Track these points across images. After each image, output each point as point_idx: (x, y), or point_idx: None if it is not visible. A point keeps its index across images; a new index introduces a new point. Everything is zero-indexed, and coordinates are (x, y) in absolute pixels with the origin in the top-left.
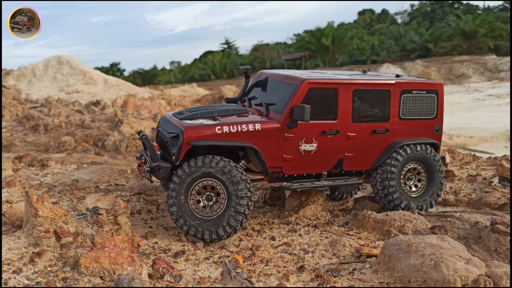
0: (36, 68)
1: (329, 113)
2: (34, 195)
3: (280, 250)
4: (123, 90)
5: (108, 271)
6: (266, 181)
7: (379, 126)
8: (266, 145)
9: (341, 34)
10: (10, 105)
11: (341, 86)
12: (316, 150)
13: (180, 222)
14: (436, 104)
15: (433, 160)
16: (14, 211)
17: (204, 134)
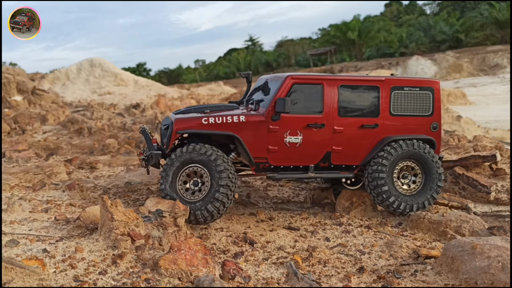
0: (70, 71)
1: (314, 107)
2: (108, 200)
3: (336, 251)
4: (153, 90)
5: (185, 273)
6: (253, 171)
7: (368, 121)
8: (250, 136)
9: (367, 27)
10: (51, 108)
11: (326, 82)
12: (302, 143)
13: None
14: (431, 101)
15: (428, 157)
16: (87, 215)
17: (191, 125)
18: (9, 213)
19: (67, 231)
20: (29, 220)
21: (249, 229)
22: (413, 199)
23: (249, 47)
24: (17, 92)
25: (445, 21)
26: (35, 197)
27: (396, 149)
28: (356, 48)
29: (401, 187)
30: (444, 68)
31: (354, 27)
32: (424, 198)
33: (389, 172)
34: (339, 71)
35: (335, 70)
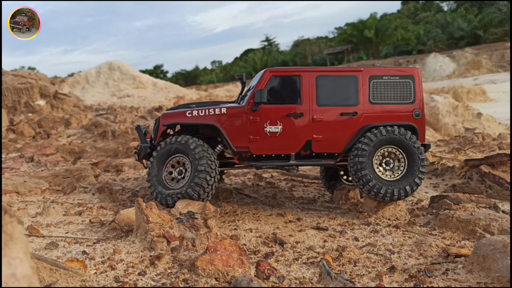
0: (89, 74)
1: (293, 98)
2: (143, 203)
3: (365, 250)
4: (171, 92)
5: (222, 273)
6: (236, 160)
7: (347, 110)
8: (231, 126)
9: (384, 25)
10: (73, 112)
11: (304, 73)
12: (282, 132)
13: (151, 189)
14: (412, 89)
15: (409, 143)
16: (122, 217)
17: (176, 118)
18: (44, 216)
19: (102, 233)
20: (64, 223)
21: (278, 230)
22: (395, 185)
23: (265, 47)
24: (39, 96)
25: (463, 18)
26: (66, 200)
27: (376, 135)
28: (373, 46)
29: (384, 172)
30: (462, 65)
31: (370, 26)
32: (406, 183)
33: (369, 157)
34: None
35: None
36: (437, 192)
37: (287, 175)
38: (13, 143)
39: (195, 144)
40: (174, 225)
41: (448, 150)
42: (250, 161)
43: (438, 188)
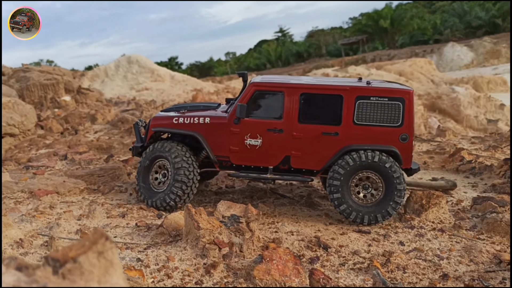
0: (108, 68)
1: (274, 113)
2: (192, 208)
3: (412, 256)
4: (189, 85)
5: (279, 283)
6: (217, 168)
7: (329, 129)
8: (213, 136)
9: (400, 15)
10: (97, 107)
11: (287, 90)
12: (261, 145)
13: (140, 192)
14: (401, 112)
15: (388, 172)
16: (169, 222)
17: (163, 123)
18: (90, 219)
19: (150, 237)
20: (111, 226)
21: (319, 233)
22: (367, 211)
23: (279, 38)
24: (64, 92)
25: (480, 6)
26: (105, 200)
27: (355, 159)
28: (389, 36)
29: (357, 196)
30: (481, 54)
31: (386, 15)
32: (378, 211)
33: (344, 180)
34: (371, 60)
35: (367, 59)
36: (476, 192)
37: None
38: (42, 139)
39: (176, 153)
40: (223, 230)
41: (484, 148)
42: (230, 169)
43: (477, 187)
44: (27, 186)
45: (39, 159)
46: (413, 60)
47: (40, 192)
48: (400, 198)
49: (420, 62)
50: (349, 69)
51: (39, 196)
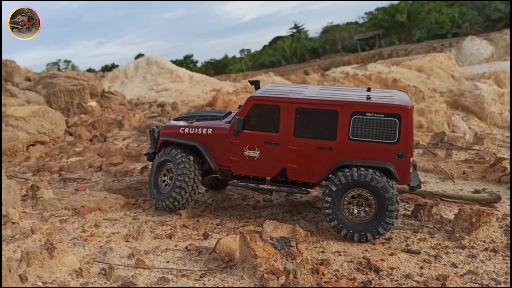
0: (128, 69)
1: (271, 127)
2: (248, 235)
3: (467, 279)
4: (208, 85)
5: None
6: (220, 176)
7: (324, 144)
8: (215, 146)
9: (417, 9)
10: (122, 111)
11: (284, 104)
12: (259, 157)
13: (152, 193)
14: (397, 129)
15: (380, 192)
16: (222, 247)
17: (171, 133)
18: (139, 241)
19: (203, 263)
20: (161, 250)
21: (367, 253)
22: (357, 228)
23: (294, 35)
24: (89, 97)
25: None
26: (147, 217)
27: (347, 177)
28: (406, 30)
29: (350, 213)
30: (501, 48)
31: (403, 9)
32: (369, 230)
33: (336, 197)
34: (388, 55)
35: (384, 54)
36: None
37: None
38: (72, 147)
39: (180, 159)
40: (278, 257)
41: None
42: (231, 178)
43: None
44: (71, 203)
45: (71, 169)
46: (433, 55)
47: (84, 209)
48: (391, 219)
49: (440, 57)
50: (368, 67)
51: (83, 214)
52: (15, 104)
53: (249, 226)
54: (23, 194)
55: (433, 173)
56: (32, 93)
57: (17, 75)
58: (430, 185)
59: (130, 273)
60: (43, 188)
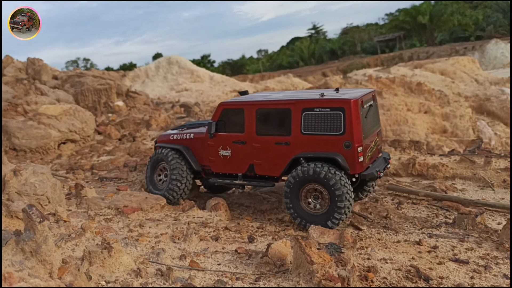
0: (149, 69)
1: (238, 128)
2: (303, 241)
3: None
4: (228, 86)
5: None
6: (203, 175)
7: (281, 139)
8: (197, 148)
9: (440, 11)
10: (147, 111)
11: (247, 106)
12: (231, 156)
13: (148, 188)
14: (343, 121)
15: (325, 182)
16: (274, 252)
17: (164, 140)
18: (188, 242)
19: (255, 266)
20: (210, 252)
21: (414, 261)
22: (311, 219)
23: (312, 36)
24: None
25: None
26: (187, 218)
27: (304, 172)
28: (427, 33)
29: (307, 204)
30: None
31: (425, 11)
32: (319, 222)
33: (294, 189)
34: (409, 57)
35: (404, 56)
36: None
37: (391, 189)
38: (102, 146)
39: (171, 157)
40: (332, 264)
41: None
42: (212, 177)
43: None
44: (113, 203)
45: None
46: (456, 59)
47: (127, 209)
48: (339, 215)
49: (463, 60)
50: (391, 70)
51: (127, 213)
52: (46, 102)
53: (290, 231)
54: (66, 192)
55: (471, 180)
56: (61, 91)
57: (44, 74)
58: (469, 193)
59: (185, 275)
60: (87, 188)
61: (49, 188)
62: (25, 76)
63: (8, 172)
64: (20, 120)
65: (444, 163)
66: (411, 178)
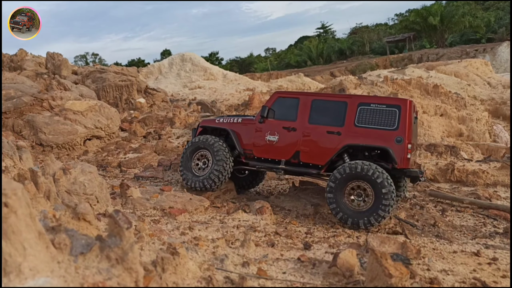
0: (162, 66)
1: (291, 115)
2: (378, 252)
3: None
4: (241, 84)
5: None
6: (243, 159)
7: (333, 129)
8: (243, 132)
9: (451, 12)
10: (167, 109)
11: (302, 96)
12: (278, 141)
13: (183, 175)
14: (397, 117)
15: (371, 178)
16: (342, 262)
17: (208, 123)
18: (245, 248)
19: (322, 276)
20: (272, 259)
21: (476, 273)
22: (359, 216)
23: (321, 35)
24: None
25: None
26: (233, 221)
27: (341, 173)
28: (438, 34)
29: (351, 203)
30: None
31: (436, 12)
32: (361, 218)
33: (339, 184)
34: (418, 59)
35: (414, 57)
36: None
37: (433, 195)
38: (127, 143)
39: (213, 141)
40: (408, 277)
41: None
42: (253, 161)
43: None
44: (159, 203)
45: (130, 165)
46: (469, 61)
47: (174, 211)
48: (384, 212)
49: (476, 63)
50: (406, 71)
51: (174, 215)
52: (71, 98)
53: (340, 237)
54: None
55: None
56: (84, 87)
57: (64, 69)
58: None
59: (253, 283)
60: (132, 187)
61: (97, 188)
62: (45, 70)
63: (57, 171)
64: (46, 115)
65: (484, 170)
66: (450, 184)
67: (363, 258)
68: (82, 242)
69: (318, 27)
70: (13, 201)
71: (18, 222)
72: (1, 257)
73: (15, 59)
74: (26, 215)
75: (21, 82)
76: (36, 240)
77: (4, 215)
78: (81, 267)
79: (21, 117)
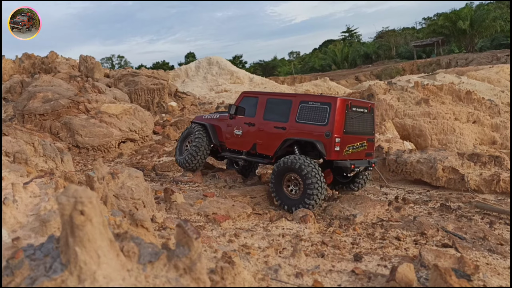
0: (189, 69)
1: (251, 112)
2: (441, 268)
3: None
4: (268, 88)
5: None
6: (220, 150)
7: (279, 124)
8: (220, 127)
9: (481, 16)
10: (197, 113)
11: (260, 96)
12: (241, 135)
13: (175, 154)
14: (328, 114)
15: (298, 171)
16: (401, 276)
17: (197, 119)
18: (296, 258)
19: None
20: (325, 271)
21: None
22: (288, 202)
23: (346, 39)
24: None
25: None
26: (277, 229)
27: (278, 166)
28: (467, 39)
29: (290, 192)
30: None
31: (465, 16)
32: (294, 205)
33: (278, 176)
34: (447, 64)
35: (442, 62)
36: None
37: (479, 207)
38: (161, 146)
39: (197, 129)
40: None
41: None
42: (226, 152)
43: None
44: (202, 209)
45: (164, 168)
46: (501, 67)
47: (217, 217)
48: (310, 200)
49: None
50: (437, 76)
51: (218, 221)
52: (106, 101)
53: (387, 249)
54: None
55: None
56: (117, 90)
57: (97, 72)
58: None
59: None
60: (176, 193)
61: (143, 192)
62: (78, 73)
63: (106, 175)
64: (83, 117)
65: None
66: (495, 196)
67: (419, 272)
68: (149, 251)
69: (343, 31)
70: (89, 209)
71: (93, 230)
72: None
73: (46, 61)
74: (100, 223)
75: (57, 84)
76: (108, 248)
77: (81, 223)
78: (151, 276)
79: (58, 119)
